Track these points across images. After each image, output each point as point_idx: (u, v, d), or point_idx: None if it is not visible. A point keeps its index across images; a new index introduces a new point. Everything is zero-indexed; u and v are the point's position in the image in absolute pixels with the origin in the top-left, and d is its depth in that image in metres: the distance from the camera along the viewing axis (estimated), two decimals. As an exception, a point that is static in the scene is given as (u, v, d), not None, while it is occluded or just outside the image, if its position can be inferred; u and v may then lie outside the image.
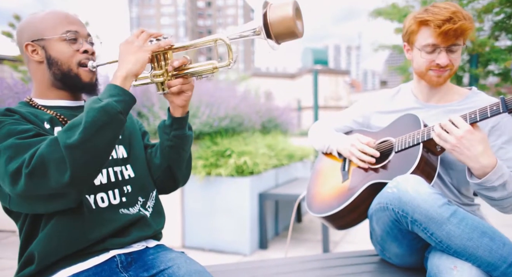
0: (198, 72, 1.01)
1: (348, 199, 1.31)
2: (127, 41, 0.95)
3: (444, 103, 1.34)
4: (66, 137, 0.83)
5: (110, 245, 1.00)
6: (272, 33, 0.89)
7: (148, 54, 0.94)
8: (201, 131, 3.36)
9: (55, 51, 1.03)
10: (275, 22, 0.88)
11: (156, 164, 1.17)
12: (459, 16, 1.17)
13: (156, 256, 1.05)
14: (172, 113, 1.11)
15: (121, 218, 1.03)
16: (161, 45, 0.97)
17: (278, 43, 0.92)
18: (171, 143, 1.13)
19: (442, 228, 1.01)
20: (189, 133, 1.15)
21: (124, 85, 0.92)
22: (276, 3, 0.89)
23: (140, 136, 1.21)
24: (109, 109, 0.86)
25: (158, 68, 1.01)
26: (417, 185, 1.07)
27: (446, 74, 1.26)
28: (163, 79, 1.01)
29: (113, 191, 1.05)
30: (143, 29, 0.97)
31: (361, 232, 3.60)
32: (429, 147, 1.23)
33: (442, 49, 1.22)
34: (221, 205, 3.19)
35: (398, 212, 1.09)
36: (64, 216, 0.94)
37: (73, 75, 1.04)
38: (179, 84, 1.03)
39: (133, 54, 0.93)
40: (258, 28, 0.90)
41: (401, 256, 1.27)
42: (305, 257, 1.61)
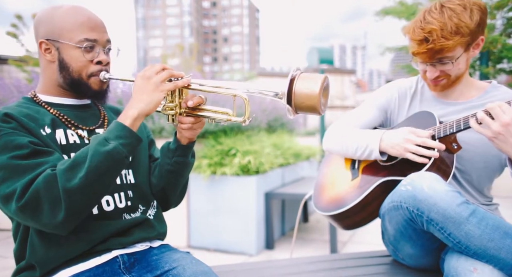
0: (210, 117, 0.97)
1: (357, 197, 1.26)
2: (145, 76, 0.90)
3: (463, 100, 1.28)
4: (66, 179, 0.81)
5: (112, 244, 0.96)
6: (293, 103, 0.85)
7: (164, 94, 0.91)
8: (206, 129, 3.32)
9: (68, 57, 0.98)
10: (300, 94, 0.84)
11: (152, 182, 1.14)
12: (436, 34, 1.11)
13: (160, 257, 1.01)
14: (179, 139, 1.07)
15: (124, 221, 1.00)
16: (179, 85, 0.93)
17: (296, 112, 0.88)
18: (171, 168, 1.09)
19: (461, 228, 0.96)
20: (192, 160, 1.12)
21: (133, 126, 0.89)
22: (306, 75, 0.86)
23: (146, 144, 1.17)
24: (115, 154, 0.84)
25: (170, 100, 0.97)
26: (434, 182, 1.02)
27: (443, 82, 1.23)
28: (174, 112, 0.98)
29: (119, 194, 1.01)
30: (165, 66, 0.92)
31: (369, 232, 3.54)
32: (445, 144, 1.17)
33: (428, 64, 1.20)
34: (227, 205, 3.15)
35: (413, 211, 1.04)
36: None
37: (83, 84, 1.00)
38: (189, 123, 1.00)
39: (148, 93, 0.89)
40: (281, 93, 0.86)
41: (415, 257, 1.22)
42: (313, 257, 1.56)
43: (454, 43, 1.12)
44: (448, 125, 1.14)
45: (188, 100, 0.96)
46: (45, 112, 0.98)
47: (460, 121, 1.12)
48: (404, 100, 1.39)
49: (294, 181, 3.91)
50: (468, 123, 1.09)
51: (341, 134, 1.39)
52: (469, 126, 1.09)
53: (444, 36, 1.11)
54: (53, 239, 0.90)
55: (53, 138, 0.94)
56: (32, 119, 0.92)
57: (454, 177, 1.23)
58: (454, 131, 1.13)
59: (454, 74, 1.21)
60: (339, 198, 1.34)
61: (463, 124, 1.11)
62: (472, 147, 1.21)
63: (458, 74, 1.22)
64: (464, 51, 1.17)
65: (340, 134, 1.39)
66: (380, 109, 1.41)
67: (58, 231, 0.84)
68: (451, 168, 1.16)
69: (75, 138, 0.99)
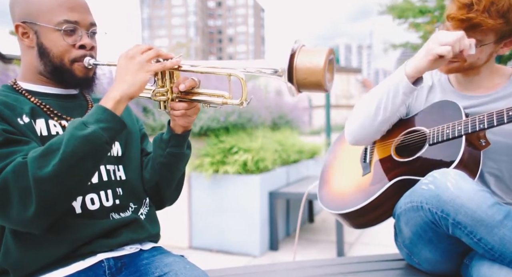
0: (204, 101, 0.89)
1: (370, 196, 1.15)
2: (128, 55, 0.82)
3: (485, 93, 1.15)
4: (37, 166, 0.71)
5: (97, 247, 0.86)
6: (295, 80, 0.76)
7: (150, 75, 0.81)
8: (209, 127, 3.22)
9: (48, 40, 0.88)
10: (302, 70, 0.75)
11: (145, 178, 1.04)
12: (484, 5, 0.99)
13: (151, 261, 0.91)
14: (173, 128, 0.98)
15: (112, 221, 0.91)
16: (167, 66, 0.84)
17: (299, 91, 0.78)
18: (164, 160, 1.00)
19: (494, 233, 0.85)
20: (187, 152, 1.03)
21: (116, 109, 0.80)
22: (309, 48, 0.77)
23: (138, 138, 1.08)
24: (94, 139, 0.75)
25: (161, 84, 0.88)
26: (460, 180, 0.91)
27: (456, 65, 1.10)
28: (165, 98, 0.89)
29: (106, 191, 0.92)
30: (152, 46, 0.84)
31: (378, 232, 3.44)
32: (472, 141, 1.06)
33: None
34: (230, 204, 3.07)
35: (436, 213, 0.93)
36: None
37: (66, 70, 0.91)
38: (182, 109, 0.90)
39: (132, 73, 0.80)
40: (280, 70, 0.77)
41: (434, 262, 1.11)
42: (319, 261, 1.47)
43: (493, 25, 1.00)
44: (478, 120, 1.02)
45: (179, 83, 0.87)
46: (24, 101, 0.89)
47: (493, 116, 0.99)
48: (421, 92, 1.27)
49: (299, 180, 3.81)
50: (503, 119, 0.97)
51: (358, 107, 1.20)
52: (504, 121, 0.96)
53: (489, 12, 0.99)
54: (30, 240, 0.80)
55: (31, 127, 0.85)
56: (8, 106, 0.83)
57: (480, 174, 1.11)
58: (485, 127, 1.00)
59: (469, 61, 1.08)
60: (348, 196, 1.24)
61: (496, 119, 0.98)
62: (502, 139, 1.09)
63: (474, 65, 1.10)
64: (495, 42, 1.05)
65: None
66: None
67: (30, 228, 0.75)
68: (478, 166, 1.04)
69: (58, 129, 0.89)
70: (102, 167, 0.93)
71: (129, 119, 1.08)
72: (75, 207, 0.86)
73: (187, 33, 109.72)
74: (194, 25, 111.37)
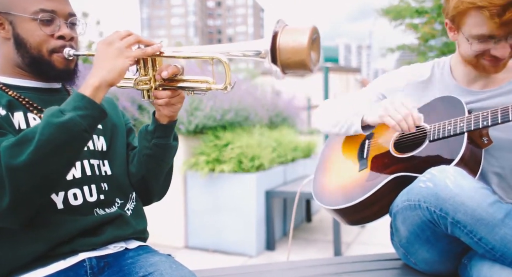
0: (188, 88, 0.87)
1: (367, 192, 1.11)
2: (107, 41, 0.79)
3: (491, 88, 1.10)
4: (10, 154, 0.68)
5: (79, 246, 0.83)
6: (279, 60, 0.74)
7: (129, 61, 0.79)
8: (205, 125, 3.19)
9: (24, 31, 0.85)
10: (285, 49, 0.73)
11: (131, 172, 1.01)
12: None
13: (135, 260, 0.88)
14: (158, 118, 0.95)
15: (96, 217, 0.87)
16: (148, 52, 0.81)
17: (284, 72, 0.76)
18: (150, 152, 0.97)
19: (495, 232, 0.82)
20: (174, 144, 1.01)
21: (95, 97, 0.76)
22: (291, 27, 0.75)
23: (124, 132, 1.05)
24: (71, 126, 0.72)
25: (144, 73, 0.86)
26: (459, 178, 0.87)
27: (505, 61, 1.03)
28: (148, 87, 0.87)
29: (89, 186, 0.89)
30: (131, 32, 0.81)
31: (376, 232, 3.41)
32: (474, 138, 1.02)
33: (501, 38, 0.97)
34: (226, 203, 3.04)
35: (435, 212, 0.90)
36: None
37: (45, 62, 0.87)
38: (166, 98, 0.88)
39: (110, 59, 0.78)
40: (263, 51, 0.75)
41: (431, 262, 1.07)
42: (315, 260, 1.44)
43: None
44: (481, 117, 0.98)
45: (162, 71, 0.84)
46: (1, 94, 0.85)
47: (497, 113, 0.95)
48: (414, 88, 1.23)
49: (296, 179, 3.78)
50: (508, 116, 0.92)
51: (330, 109, 1.30)
52: (509, 119, 0.92)
53: None
54: (5, 238, 0.77)
55: (8, 120, 0.81)
56: None
57: (483, 173, 1.07)
58: (489, 124, 0.96)
59: None
60: (344, 191, 1.20)
61: (501, 116, 0.94)
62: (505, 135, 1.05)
63: None
64: None
65: (330, 109, 1.31)
66: (385, 95, 1.27)
67: (4, 222, 0.72)
68: (479, 164, 1.01)
69: (38, 122, 0.85)
70: (85, 162, 0.89)
71: (115, 113, 1.05)
72: (56, 202, 0.82)
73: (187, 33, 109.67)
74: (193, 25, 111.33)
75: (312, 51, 0.73)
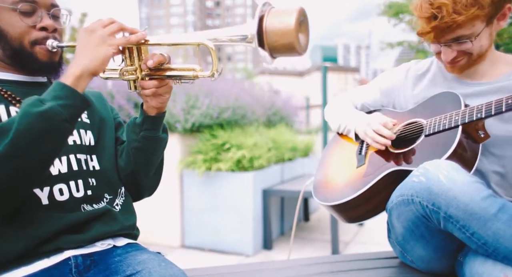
0: (175, 76, 0.85)
1: (362, 187, 1.09)
2: (89, 29, 0.77)
3: (488, 80, 1.10)
4: None
5: (64, 243, 0.80)
6: (266, 44, 0.72)
7: (113, 50, 0.76)
8: (201, 123, 3.16)
9: (4, 22, 0.82)
10: (272, 33, 0.71)
11: (119, 166, 0.99)
12: (446, 10, 0.95)
13: (123, 258, 0.85)
14: (146, 110, 0.93)
15: (83, 213, 0.85)
16: (132, 40, 0.79)
17: (272, 56, 0.74)
18: (138, 145, 0.95)
19: (487, 227, 0.80)
20: (163, 136, 0.98)
21: (77, 86, 0.74)
22: (277, 9, 0.73)
23: (112, 126, 1.03)
24: (51, 115, 0.69)
25: (129, 63, 0.84)
26: (452, 172, 0.85)
27: (462, 63, 1.06)
28: (134, 77, 0.85)
29: (76, 182, 0.86)
30: (114, 20, 0.79)
31: (374, 231, 3.39)
32: (470, 132, 1.00)
33: (442, 45, 1.04)
34: (223, 202, 3.01)
35: (427, 206, 0.88)
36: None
37: (27, 54, 0.84)
38: (153, 88, 0.86)
39: (93, 47, 0.75)
40: (250, 35, 0.72)
41: (427, 259, 1.05)
42: (312, 259, 1.41)
43: (467, 18, 0.95)
44: (476, 109, 0.97)
45: (148, 59, 0.82)
46: None
47: (491, 105, 0.94)
48: (413, 82, 1.25)
49: (294, 178, 3.75)
50: (501, 108, 0.91)
51: (336, 108, 1.39)
52: (502, 110, 0.91)
53: (456, 11, 0.94)
54: None
55: None
56: None
57: (483, 172, 1.06)
58: (482, 117, 0.95)
59: (476, 53, 1.04)
60: (341, 187, 1.19)
61: (494, 108, 0.93)
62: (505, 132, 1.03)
63: (481, 52, 1.05)
64: (486, 25, 0.99)
65: (336, 108, 1.39)
66: (384, 92, 1.31)
67: None
68: (475, 159, 0.99)
69: None
70: (72, 156, 0.87)
71: (103, 107, 1.03)
72: (41, 198, 0.80)
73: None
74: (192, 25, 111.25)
75: (300, 33, 0.71)
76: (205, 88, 3.32)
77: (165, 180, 1.10)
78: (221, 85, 3.63)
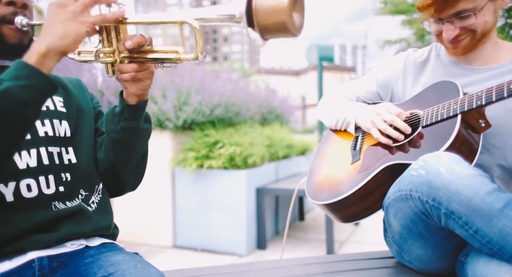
0: (157, 59, 0.77)
1: (358, 184, 1.02)
2: (60, 4, 0.68)
3: (491, 65, 1.04)
4: None
5: (28, 244, 0.73)
6: (256, 24, 0.64)
7: (86, 28, 0.68)
8: (193, 120, 3.09)
9: None
10: (262, 10, 0.63)
11: (98, 159, 0.91)
12: None
13: (95, 259, 0.78)
14: (125, 98, 0.85)
15: (53, 211, 0.77)
16: (108, 17, 0.71)
17: (264, 38, 0.66)
18: (117, 136, 0.87)
19: (493, 224, 0.73)
20: (145, 126, 0.90)
21: (42, 65, 0.65)
22: None
23: (92, 116, 0.95)
24: (8, 97, 0.61)
25: (107, 44, 0.76)
26: (454, 164, 0.79)
27: (465, 42, 1.00)
28: (112, 60, 0.77)
29: (46, 177, 0.78)
30: None
31: (370, 230, 3.33)
32: (469, 121, 0.94)
33: (443, 20, 0.98)
34: (215, 201, 2.94)
35: (427, 202, 0.81)
36: None
37: None
38: (132, 71, 0.78)
39: (63, 23, 0.66)
40: (238, 14, 0.65)
41: (425, 259, 0.98)
42: (306, 259, 1.35)
43: None
44: (475, 96, 0.90)
45: (126, 40, 0.74)
46: None
47: (492, 91, 0.87)
48: (411, 71, 1.19)
49: (288, 176, 3.69)
50: (503, 93, 0.84)
51: (330, 103, 1.29)
52: (504, 96, 0.84)
53: None
54: None
55: None
56: None
57: (486, 167, 1.00)
58: (482, 104, 0.88)
59: (480, 30, 0.97)
60: (335, 185, 1.12)
61: (495, 94, 0.86)
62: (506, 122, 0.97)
63: (485, 30, 0.98)
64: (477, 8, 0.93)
65: (329, 102, 1.29)
66: (381, 85, 1.25)
67: None
68: (476, 150, 0.92)
69: None
70: (42, 149, 0.79)
71: (82, 95, 0.95)
72: (5, 194, 0.72)
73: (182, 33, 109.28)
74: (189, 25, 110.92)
75: (294, 11, 0.63)
76: (197, 84, 3.24)
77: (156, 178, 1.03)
78: (214, 82, 3.56)
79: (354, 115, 1.18)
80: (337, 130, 1.31)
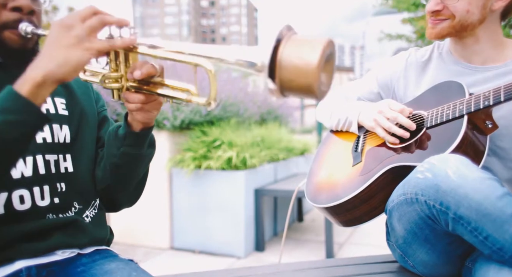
0: (166, 96, 0.69)
1: (359, 187, 0.99)
2: (65, 24, 0.59)
3: (494, 64, 1.01)
4: None
5: (16, 253, 0.69)
6: (278, 79, 0.55)
7: (90, 56, 0.60)
8: (191, 120, 3.05)
9: None
10: (288, 67, 0.54)
11: (96, 176, 0.86)
12: None
13: (88, 268, 0.74)
14: (130, 123, 0.78)
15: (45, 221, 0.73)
16: (117, 45, 0.63)
17: (282, 94, 0.57)
18: (118, 161, 0.80)
19: (504, 229, 0.70)
20: (148, 152, 0.84)
21: (35, 96, 0.58)
22: (299, 37, 0.56)
23: (95, 122, 0.89)
24: None
25: (114, 68, 0.68)
26: (462, 167, 0.76)
27: (443, 25, 0.98)
28: (119, 86, 0.69)
29: (41, 188, 0.74)
30: (97, 10, 0.62)
31: (370, 232, 3.31)
32: (476, 122, 0.91)
33: None
34: (213, 202, 2.90)
35: (434, 206, 0.78)
36: None
37: None
38: (138, 102, 0.70)
39: (64, 49, 0.58)
40: (260, 64, 0.56)
41: (431, 265, 0.95)
42: (304, 263, 1.32)
43: None
44: (482, 97, 0.88)
45: (135, 69, 0.65)
46: None
47: (500, 91, 0.84)
48: (413, 71, 1.16)
49: (287, 177, 3.66)
50: (511, 93, 0.81)
51: (330, 103, 1.26)
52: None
53: None
54: None
55: None
56: None
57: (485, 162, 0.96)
58: (490, 104, 0.85)
59: (459, 17, 0.96)
60: (335, 188, 1.09)
61: (504, 94, 0.83)
62: None
63: (465, 21, 0.96)
64: None
65: (329, 103, 1.26)
66: (382, 85, 1.22)
67: None
68: (483, 152, 0.89)
69: None
70: (39, 157, 0.75)
71: (87, 97, 0.89)
72: None
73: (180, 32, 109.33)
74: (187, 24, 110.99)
75: (323, 72, 0.55)
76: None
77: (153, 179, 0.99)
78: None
79: (356, 114, 1.14)
80: (337, 131, 1.28)
